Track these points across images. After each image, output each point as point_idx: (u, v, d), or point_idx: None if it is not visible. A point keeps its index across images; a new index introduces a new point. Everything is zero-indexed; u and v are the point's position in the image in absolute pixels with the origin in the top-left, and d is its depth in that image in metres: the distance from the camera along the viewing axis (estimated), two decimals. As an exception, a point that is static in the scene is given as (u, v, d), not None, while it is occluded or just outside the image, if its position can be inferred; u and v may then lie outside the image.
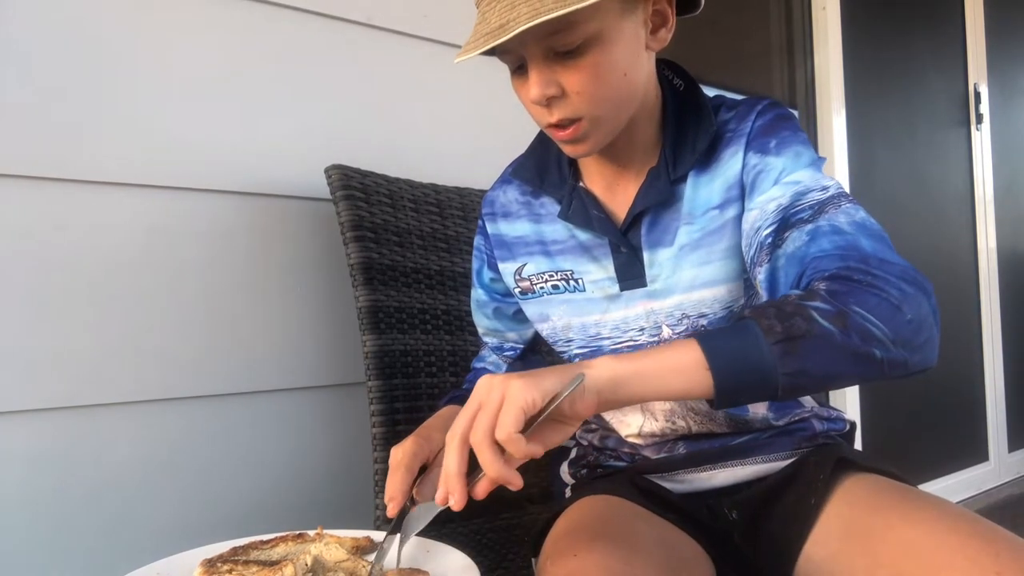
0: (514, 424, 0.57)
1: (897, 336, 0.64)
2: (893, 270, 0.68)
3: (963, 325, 3.00)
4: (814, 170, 0.80)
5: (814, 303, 0.64)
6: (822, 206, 0.76)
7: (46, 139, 1.03)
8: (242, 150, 1.20)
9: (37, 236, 1.02)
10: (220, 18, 1.19)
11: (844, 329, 0.62)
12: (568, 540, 0.78)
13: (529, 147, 0.95)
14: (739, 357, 0.61)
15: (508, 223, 0.96)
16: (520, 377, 0.59)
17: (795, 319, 0.62)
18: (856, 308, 0.64)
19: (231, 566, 0.71)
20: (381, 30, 1.35)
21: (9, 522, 0.99)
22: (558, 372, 0.61)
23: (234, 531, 0.82)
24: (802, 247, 0.74)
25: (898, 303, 0.65)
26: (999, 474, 3.08)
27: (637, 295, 0.87)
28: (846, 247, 0.71)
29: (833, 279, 0.67)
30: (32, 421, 1.01)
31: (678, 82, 0.89)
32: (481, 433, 0.59)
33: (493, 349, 1.05)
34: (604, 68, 0.75)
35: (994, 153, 3.10)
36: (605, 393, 0.62)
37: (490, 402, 0.59)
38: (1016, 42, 3.31)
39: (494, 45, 0.70)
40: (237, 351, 1.18)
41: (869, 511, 0.76)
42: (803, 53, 2.48)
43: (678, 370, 0.61)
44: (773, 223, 0.77)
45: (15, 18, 1.01)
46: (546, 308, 0.93)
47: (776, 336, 0.61)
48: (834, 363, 0.63)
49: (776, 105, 0.85)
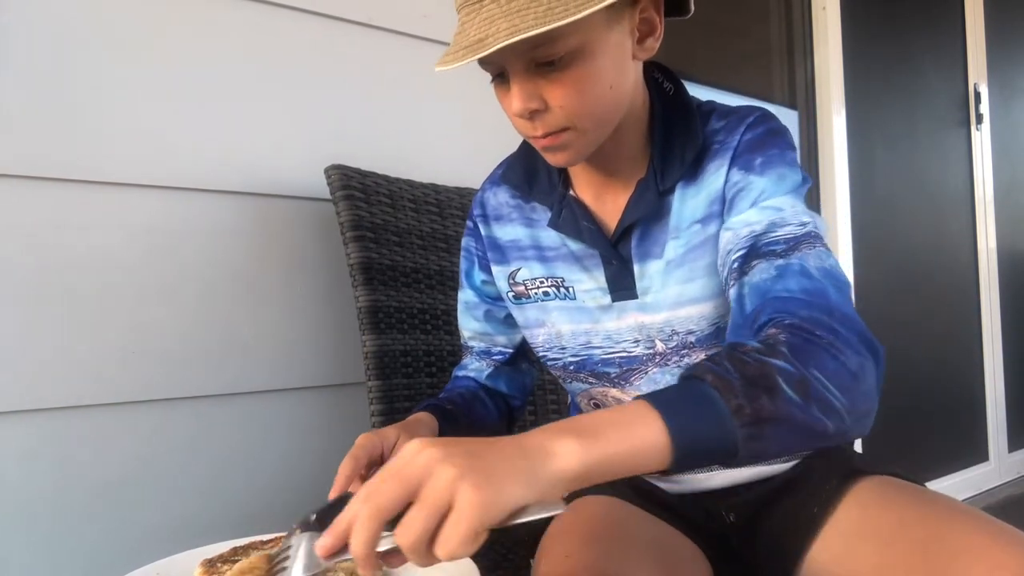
0: (463, 546, 0.47)
1: (852, 407, 0.62)
2: (854, 330, 0.66)
3: (963, 325, 3.00)
4: (795, 197, 0.78)
5: (778, 362, 0.60)
6: (796, 243, 0.73)
7: (46, 139, 1.03)
8: (242, 150, 1.20)
9: (37, 236, 1.02)
10: (220, 18, 1.19)
11: (806, 399, 0.59)
12: (562, 540, 0.78)
13: (518, 148, 0.93)
14: (703, 439, 0.56)
15: (501, 226, 0.94)
16: (477, 486, 0.47)
17: (761, 398, 0.57)
18: (817, 374, 0.60)
19: (231, 566, 0.71)
20: (381, 30, 1.35)
21: (9, 522, 0.99)
22: (521, 475, 0.49)
23: (234, 531, 0.83)
24: (768, 280, 0.71)
25: (855, 371, 0.63)
26: (999, 474, 3.08)
27: (629, 307, 0.86)
28: (813, 293, 0.69)
29: (795, 330, 0.64)
30: (32, 421, 1.01)
31: (668, 86, 0.86)
32: (413, 541, 0.48)
33: (479, 354, 1.02)
34: (588, 81, 0.72)
35: (994, 153, 3.10)
36: (570, 487, 0.53)
37: (434, 503, 0.47)
38: (1016, 42, 3.31)
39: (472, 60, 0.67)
40: (237, 351, 1.18)
41: (880, 511, 0.76)
42: (803, 53, 2.48)
43: (643, 451, 0.54)
44: (743, 248, 0.75)
45: (15, 18, 1.01)
46: (541, 314, 0.92)
47: (744, 419, 0.57)
48: (792, 442, 0.61)
49: (767, 118, 0.82)
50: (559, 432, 0.53)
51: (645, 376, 0.88)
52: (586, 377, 0.92)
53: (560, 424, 0.54)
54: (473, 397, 0.98)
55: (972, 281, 3.03)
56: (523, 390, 1.05)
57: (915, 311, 2.76)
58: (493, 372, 1.01)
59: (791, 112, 2.44)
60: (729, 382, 0.57)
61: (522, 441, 0.52)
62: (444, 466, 0.48)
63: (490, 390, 1.01)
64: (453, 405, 0.93)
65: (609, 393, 0.92)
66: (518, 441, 0.52)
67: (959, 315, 2.97)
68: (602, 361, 0.89)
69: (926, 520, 0.72)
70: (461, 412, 0.93)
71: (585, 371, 0.91)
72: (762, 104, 0.91)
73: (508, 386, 1.03)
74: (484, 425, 0.97)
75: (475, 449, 0.50)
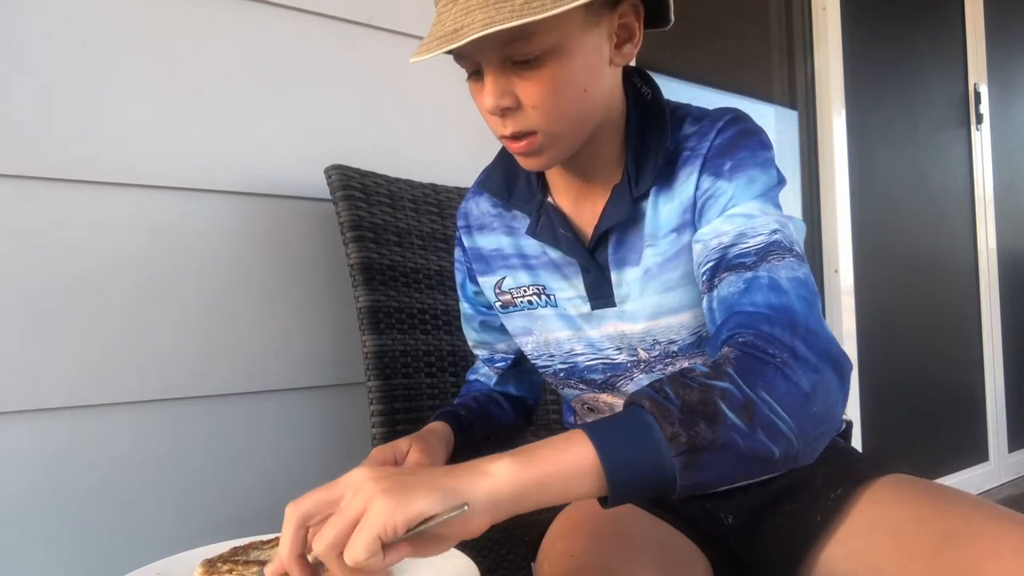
0: (364, 551, 0.49)
1: (801, 430, 0.61)
2: (816, 346, 0.64)
3: (963, 325, 3.00)
4: (764, 202, 0.76)
5: (722, 384, 0.59)
6: (766, 252, 0.72)
7: (46, 139, 1.03)
8: (242, 150, 1.20)
9: (37, 236, 1.02)
10: (220, 18, 1.19)
11: (750, 424, 0.58)
12: (565, 541, 0.78)
13: (497, 154, 0.92)
14: (637, 467, 0.56)
15: (483, 236, 0.93)
16: (389, 493, 0.50)
17: (700, 424, 0.57)
18: (764, 396, 0.59)
19: (231, 566, 0.71)
20: (381, 30, 1.35)
21: (9, 522, 0.99)
22: (438, 489, 0.52)
23: (234, 531, 0.83)
24: (736, 294, 0.71)
25: (809, 391, 0.62)
26: (999, 474, 3.08)
27: (608, 315, 0.85)
28: (778, 308, 0.68)
29: (748, 348, 0.64)
30: (32, 421, 1.01)
31: (646, 90, 0.85)
32: (325, 545, 0.51)
33: (484, 361, 1.03)
34: (562, 82, 0.71)
35: (994, 153, 3.10)
36: (503, 507, 0.54)
37: (349, 510, 0.51)
38: (1016, 42, 3.31)
39: (447, 51, 0.67)
40: (237, 351, 1.18)
41: (896, 507, 0.75)
42: (803, 53, 2.48)
43: (576, 476, 0.55)
44: (711, 260, 0.74)
45: (15, 18, 1.01)
46: (528, 322, 0.91)
47: (680, 447, 0.56)
48: (734, 472, 0.60)
49: (739, 120, 0.80)
50: (497, 456, 0.55)
51: (632, 381, 0.88)
52: (576, 383, 0.92)
53: (502, 452, 0.56)
54: (488, 399, 0.99)
55: (972, 281, 3.03)
56: (533, 388, 1.06)
57: (915, 311, 2.76)
58: (500, 379, 1.02)
59: (791, 112, 2.44)
60: (667, 409, 0.57)
61: (458, 465, 0.55)
62: (368, 483, 0.52)
63: (503, 393, 1.03)
64: (467, 411, 0.94)
65: (600, 398, 0.92)
66: (455, 466, 0.55)
67: (959, 315, 2.97)
68: (587, 368, 0.89)
69: (944, 512, 0.72)
70: (476, 416, 0.94)
71: (575, 377, 0.91)
72: (762, 104, 0.91)
73: (518, 389, 1.03)
74: (501, 425, 0.98)
75: (408, 472, 0.54)
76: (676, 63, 1.99)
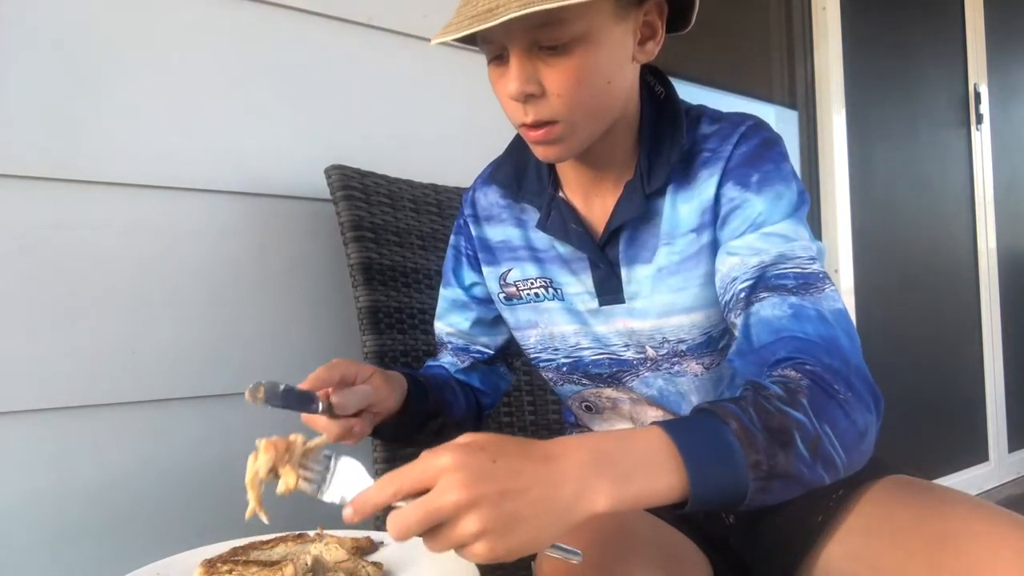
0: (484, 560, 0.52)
1: (850, 465, 0.65)
2: (867, 384, 0.68)
3: (963, 325, 3.00)
4: (796, 223, 0.77)
5: (797, 415, 0.61)
6: (807, 282, 0.73)
7: (46, 139, 1.03)
8: (242, 150, 1.20)
9: (37, 236, 1.02)
10: (220, 18, 1.19)
11: (814, 457, 0.61)
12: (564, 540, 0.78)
13: (507, 147, 0.92)
14: (718, 490, 0.58)
15: (491, 226, 0.93)
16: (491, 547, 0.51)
17: (778, 455, 0.59)
18: (829, 431, 0.62)
19: (231, 566, 0.71)
20: (381, 30, 1.35)
21: (9, 522, 0.99)
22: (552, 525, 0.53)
23: (234, 531, 0.83)
24: (783, 318, 0.72)
25: (863, 430, 0.65)
26: (999, 474, 3.08)
27: (617, 312, 0.85)
28: (830, 341, 0.70)
29: (816, 378, 0.65)
30: (32, 421, 1.01)
31: (659, 89, 0.85)
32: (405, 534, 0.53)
33: (455, 350, 0.99)
34: (588, 72, 0.72)
35: (994, 153, 3.10)
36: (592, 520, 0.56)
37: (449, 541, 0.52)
38: (1016, 42, 3.31)
39: (480, 30, 0.67)
40: (237, 351, 1.18)
41: (895, 507, 0.76)
42: (803, 53, 2.48)
43: (664, 496, 0.57)
44: (751, 279, 0.75)
45: (15, 18, 1.01)
46: (533, 315, 0.91)
47: (759, 473, 0.58)
48: (791, 494, 0.62)
49: (760, 128, 0.81)
50: (595, 473, 0.55)
51: (637, 378, 0.88)
52: (579, 379, 0.91)
53: (594, 455, 0.56)
54: (444, 383, 0.96)
55: (972, 281, 3.03)
56: (495, 390, 1.03)
57: (915, 311, 2.76)
58: (468, 367, 1.00)
59: (791, 112, 2.44)
60: (753, 435, 0.59)
61: (559, 477, 0.54)
62: (470, 516, 0.51)
63: (461, 382, 0.99)
64: (424, 380, 0.91)
65: (603, 393, 0.91)
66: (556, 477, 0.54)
67: (959, 315, 2.97)
68: (592, 362, 0.89)
69: (943, 513, 0.72)
70: (431, 388, 0.91)
71: (578, 372, 0.91)
72: (762, 104, 0.91)
73: (481, 382, 1.01)
74: (451, 411, 0.94)
75: (510, 488, 0.52)
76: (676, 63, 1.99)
